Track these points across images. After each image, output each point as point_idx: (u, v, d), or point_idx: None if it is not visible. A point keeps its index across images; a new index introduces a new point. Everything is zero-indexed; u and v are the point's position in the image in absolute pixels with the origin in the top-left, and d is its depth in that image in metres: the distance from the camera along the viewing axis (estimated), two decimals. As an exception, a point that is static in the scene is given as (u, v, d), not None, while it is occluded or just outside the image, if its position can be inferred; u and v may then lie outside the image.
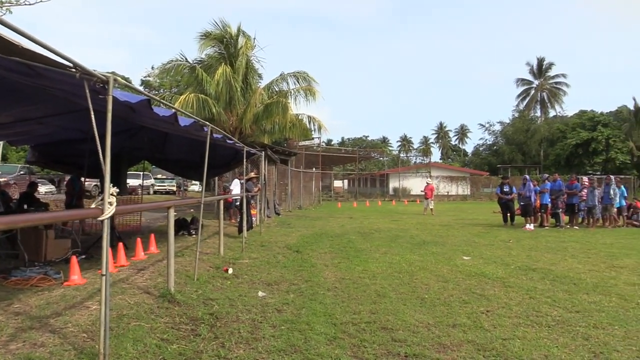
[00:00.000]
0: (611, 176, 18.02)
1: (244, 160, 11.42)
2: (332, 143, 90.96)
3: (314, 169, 38.72)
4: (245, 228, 11.76)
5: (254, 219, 14.60)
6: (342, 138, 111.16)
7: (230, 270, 7.88)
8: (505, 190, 17.69)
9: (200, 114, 17.21)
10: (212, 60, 20.65)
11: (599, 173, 46.30)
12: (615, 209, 16.92)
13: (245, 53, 19.92)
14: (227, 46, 20.40)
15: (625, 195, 17.85)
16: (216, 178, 18.39)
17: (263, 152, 15.69)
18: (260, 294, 6.37)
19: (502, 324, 5.07)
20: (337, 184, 63.46)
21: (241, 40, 20.38)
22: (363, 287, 6.86)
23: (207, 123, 7.20)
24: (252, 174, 14.59)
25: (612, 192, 16.44)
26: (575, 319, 5.25)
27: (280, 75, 21.19)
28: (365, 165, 72.26)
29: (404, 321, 5.13)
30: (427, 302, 5.97)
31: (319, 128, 22.90)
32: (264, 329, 4.83)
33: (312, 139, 39.08)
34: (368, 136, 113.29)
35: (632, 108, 55.01)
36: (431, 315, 5.37)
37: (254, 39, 20.96)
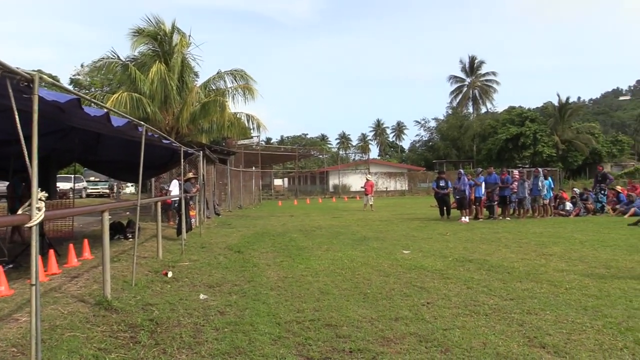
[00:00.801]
0: (539, 169, 18.93)
1: (182, 160, 11.16)
2: (272, 142, 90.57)
3: (253, 168, 38.46)
4: (184, 230, 11.50)
5: (193, 220, 14.29)
6: (282, 136, 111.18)
7: (170, 274, 7.68)
8: (441, 185, 18.21)
9: (134, 114, 16.66)
10: (146, 58, 20.05)
11: (527, 166, 48.58)
12: (544, 200, 17.79)
13: (180, 51, 19.47)
14: (161, 43, 19.86)
15: (552, 186, 18.79)
16: (153, 179, 17.90)
17: (201, 152, 15.39)
18: (201, 296, 6.24)
19: (442, 314, 5.21)
20: (278, 182, 63.27)
21: (176, 38, 19.91)
22: (306, 285, 6.86)
23: (142, 123, 6.97)
24: (191, 174, 14.27)
25: (540, 184, 17.28)
26: (510, 306, 5.47)
27: (218, 73, 20.89)
28: (305, 163, 72.42)
29: (348, 317, 5.17)
30: (370, 297, 6.05)
31: (258, 126, 22.77)
32: (206, 333, 4.73)
33: (251, 137, 38.82)
34: (307, 134, 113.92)
35: (556, 104, 58.13)
36: (374, 310, 5.44)
37: (190, 36, 20.56)
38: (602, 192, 19.30)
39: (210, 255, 9.91)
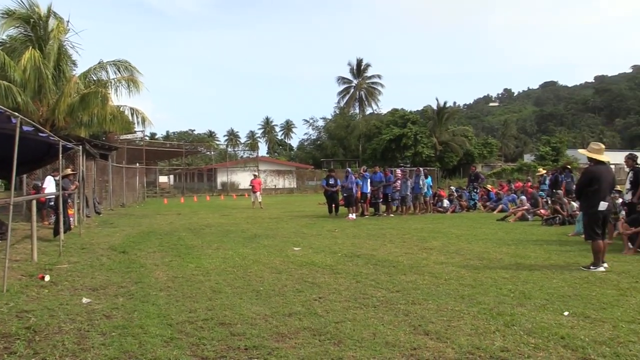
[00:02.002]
0: (420, 168, 20.12)
1: (60, 155, 10.40)
2: (157, 137, 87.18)
3: (137, 164, 36.76)
4: (62, 230, 10.73)
5: (71, 219, 13.37)
6: (167, 132, 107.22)
7: (47, 277, 7.14)
8: (330, 182, 18.69)
9: (2, 104, 15.19)
10: (17, 43, 18.32)
11: (409, 165, 51.27)
12: (425, 198, 18.92)
13: (57, 37, 18.03)
14: (34, 28, 18.24)
15: (431, 185, 20.05)
16: (24, 176, 16.46)
17: (81, 147, 14.44)
18: (84, 300, 5.88)
19: (334, 308, 5.38)
20: (163, 179, 61.11)
21: (52, 23, 18.37)
22: (197, 284, 6.73)
23: (17, 114, 6.40)
24: (69, 171, 13.33)
25: (421, 182, 18.36)
26: (396, 298, 5.78)
27: (99, 63, 19.64)
28: (192, 160, 70.57)
29: (242, 315, 5.16)
30: (263, 294, 6.08)
31: (143, 121, 21.74)
32: (92, 338, 4.47)
33: (135, 132, 37.01)
34: (194, 130, 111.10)
35: (435, 108, 61.90)
36: (267, 307, 5.48)
37: (68, 22, 19.06)
38: (475, 190, 20.98)
39: (92, 256, 9.34)
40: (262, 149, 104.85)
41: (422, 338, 4.35)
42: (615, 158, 25.05)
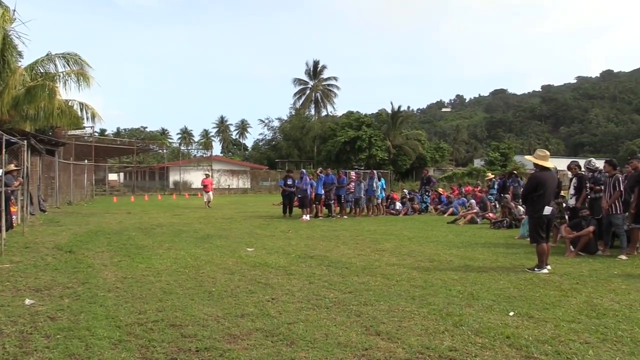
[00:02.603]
0: (374, 171, 20.35)
1: (2, 150, 9.96)
2: (107, 133, 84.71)
3: (86, 161, 35.61)
4: (3, 228, 10.27)
5: (14, 217, 12.84)
6: (118, 128, 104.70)
7: (-13, 277, 6.83)
8: (288, 183, 18.70)
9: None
10: (-43, 32, 17.47)
11: (363, 168, 51.79)
12: (378, 200, 19.15)
13: (2, 26, 17.29)
14: (-24, 16, 17.45)
15: (384, 187, 20.32)
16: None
17: (25, 142, 13.88)
18: (27, 301, 5.65)
19: (287, 309, 5.38)
20: (113, 177, 59.46)
21: (-3, 11, 17.63)
22: (147, 285, 6.59)
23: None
24: (12, 166, 12.80)
25: (375, 184, 18.57)
26: (348, 299, 5.83)
27: (47, 55, 18.94)
28: (144, 158, 69.04)
29: (193, 316, 5.09)
30: (215, 295, 6.01)
31: (93, 116, 21.18)
32: (35, 341, 4.31)
33: (84, 128, 35.88)
34: (146, 127, 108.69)
35: (390, 111, 62.82)
36: (220, 308, 5.42)
37: (14, 11, 18.32)
38: (427, 193, 21.40)
39: (36, 255, 9.00)
40: (216, 149, 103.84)
41: (373, 338, 4.41)
42: (560, 165, 26.14)
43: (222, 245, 10.60)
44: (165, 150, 65.47)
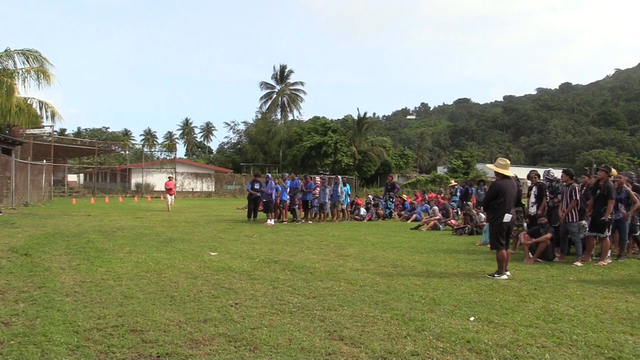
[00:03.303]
0: (339, 176, 20.44)
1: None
2: (67, 133, 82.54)
3: (44, 161, 34.57)
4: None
5: (-34, 218, 12.36)
6: (79, 128, 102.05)
7: (-63, 281, 6.56)
8: (256, 187, 18.63)
9: None
10: None
11: (328, 173, 51.97)
12: (343, 205, 19.24)
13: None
14: None
15: (349, 193, 20.43)
16: None
17: (-20, 140, 13.40)
18: (-21, 305, 5.46)
19: (250, 314, 5.34)
20: (72, 178, 57.99)
21: (-49, 5, 17.01)
22: (107, 289, 6.44)
23: None
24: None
25: (339, 190, 18.66)
26: (312, 304, 5.84)
27: (6, 51, 18.35)
28: (105, 159, 67.53)
29: (154, 321, 5.00)
30: (177, 300, 5.93)
31: (53, 115, 20.63)
32: (-13, 346, 4.16)
33: (43, 127, 34.86)
34: (109, 128, 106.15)
35: (356, 118, 63.27)
36: (182, 313, 5.35)
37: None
38: (391, 199, 21.63)
39: (-10, 258, 8.68)
40: (181, 151, 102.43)
41: (337, 343, 4.43)
42: (520, 173, 26.80)
43: (184, 249, 10.46)
44: (127, 152, 64.22)
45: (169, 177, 26.95)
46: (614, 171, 10.10)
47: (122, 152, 63.20)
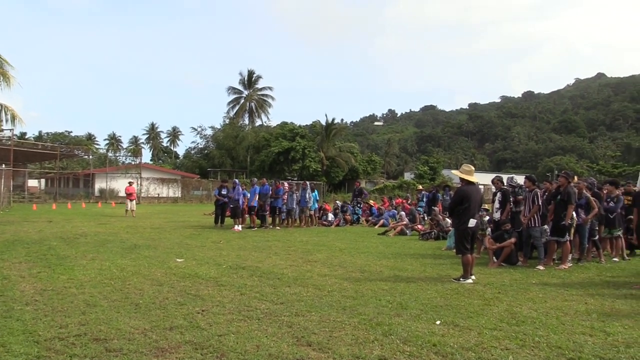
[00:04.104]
0: (307, 182, 20.45)
1: None
2: (28, 137, 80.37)
3: (3, 166, 33.52)
4: None
5: None
6: (40, 132, 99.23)
7: None
8: (223, 192, 18.47)
9: None
10: None
11: (296, 179, 51.90)
12: (310, 211, 19.24)
13: None
14: None
15: (317, 198, 20.46)
16: None
17: None
18: None
19: (217, 321, 5.29)
20: (33, 183, 56.31)
21: None
22: (69, 297, 6.28)
23: None
24: None
25: (307, 196, 18.67)
26: (280, 310, 5.82)
27: (-38, 53, 17.77)
28: (68, 164, 65.87)
29: (119, 329, 4.90)
30: (142, 307, 5.82)
31: (13, 118, 20.13)
32: (-58, 358, 4.01)
33: (2, 130, 33.82)
34: (71, 132, 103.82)
35: (324, 123, 63.43)
36: (147, 320, 5.26)
37: None
38: (359, 205, 21.75)
39: (-55, 266, 8.37)
40: (146, 156, 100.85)
41: (304, 349, 4.43)
42: (484, 179, 27.34)
43: (150, 255, 10.29)
44: (91, 157, 62.79)
45: (129, 183, 26.58)
46: (575, 178, 10.40)
47: (86, 156, 61.77)
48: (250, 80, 71.43)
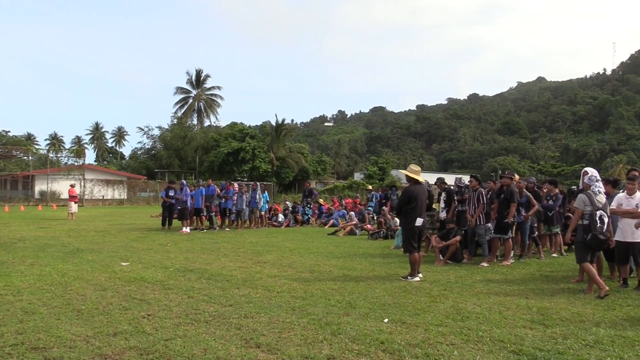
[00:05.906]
0: (257, 183, 20.33)
1: None
2: (-40, 137, 76.12)
3: None
4: None
5: None
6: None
7: None
8: (170, 194, 18.09)
9: None
10: None
11: (246, 179, 51.48)
12: (261, 212, 19.13)
13: None
14: None
15: (268, 199, 20.37)
16: None
17: None
18: None
19: (164, 325, 5.17)
20: (-34, 186, 53.44)
21: None
22: (5, 305, 5.99)
23: None
24: None
25: (257, 197, 18.55)
26: (229, 312, 5.75)
27: None
28: (5, 165, 62.85)
29: (59, 337, 4.71)
30: (85, 314, 5.63)
31: (-56, 118, 18.90)
32: None
33: None
34: (9, 131, 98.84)
35: (274, 124, 63.21)
36: (90, 327, 5.08)
37: None
38: (309, 205, 21.80)
39: None
40: (90, 157, 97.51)
41: (253, 351, 4.39)
42: (432, 179, 27.98)
43: (93, 259, 9.96)
44: (30, 157, 60.16)
45: (71, 185, 25.71)
46: (516, 177, 10.78)
47: (25, 157, 59.13)
48: (198, 80, 70.31)
